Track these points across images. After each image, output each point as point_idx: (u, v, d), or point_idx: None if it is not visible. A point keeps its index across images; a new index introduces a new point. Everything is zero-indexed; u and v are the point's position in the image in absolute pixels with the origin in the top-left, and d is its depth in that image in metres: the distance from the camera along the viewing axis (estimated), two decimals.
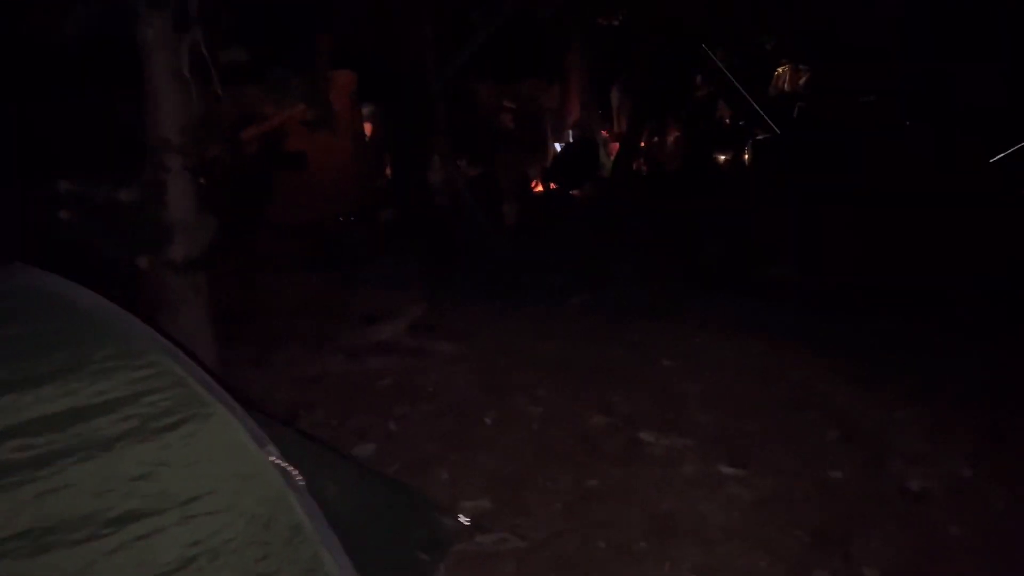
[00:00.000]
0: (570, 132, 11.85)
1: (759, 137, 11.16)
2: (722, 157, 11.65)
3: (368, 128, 10.06)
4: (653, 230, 8.21)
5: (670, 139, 12.39)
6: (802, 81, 11.92)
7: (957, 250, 6.06)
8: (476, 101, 11.26)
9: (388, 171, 9.73)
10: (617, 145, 11.96)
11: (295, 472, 1.93)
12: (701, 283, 6.43)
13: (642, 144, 12.06)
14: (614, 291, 6.19)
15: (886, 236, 6.39)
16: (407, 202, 8.37)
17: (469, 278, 6.58)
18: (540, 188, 11.49)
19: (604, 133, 12.91)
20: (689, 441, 3.60)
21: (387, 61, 7.55)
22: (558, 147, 11.83)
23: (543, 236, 8.47)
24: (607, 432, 3.74)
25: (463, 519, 2.88)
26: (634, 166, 11.52)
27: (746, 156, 11.35)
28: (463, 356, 4.66)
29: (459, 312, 5.48)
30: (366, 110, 9.79)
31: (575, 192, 11.29)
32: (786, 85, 12.28)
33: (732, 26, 9.77)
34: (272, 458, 1.91)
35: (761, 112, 10.55)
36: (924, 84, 8.60)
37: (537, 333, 5.13)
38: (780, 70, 12.35)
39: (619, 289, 6.23)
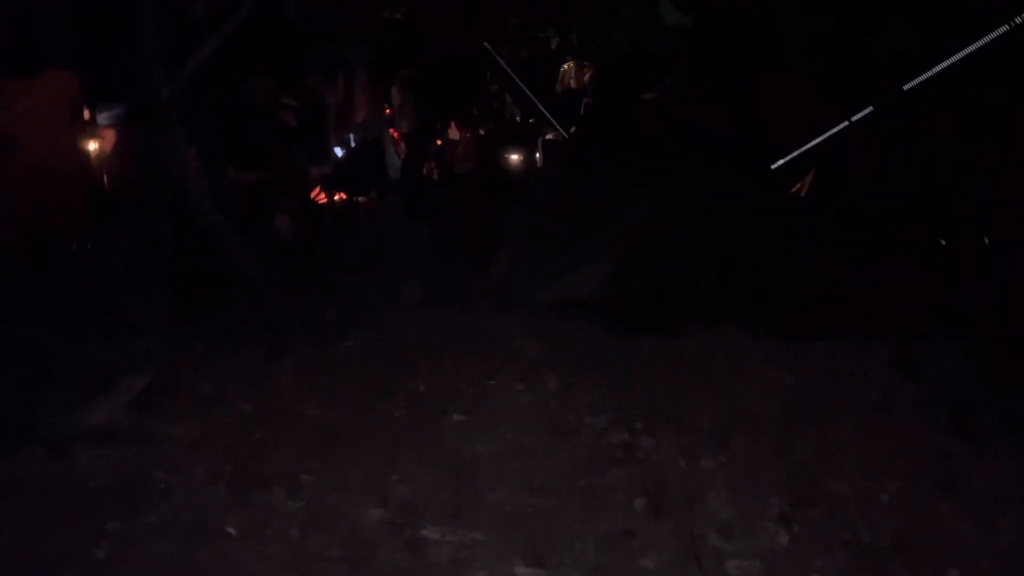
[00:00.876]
0: (351, 136, 10.95)
1: (548, 136, 10.96)
2: (515, 157, 11.32)
3: (111, 136, 8.59)
4: (444, 241, 7.60)
5: (460, 139, 11.86)
6: (587, 78, 11.85)
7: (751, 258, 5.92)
8: (249, 98, 10.09)
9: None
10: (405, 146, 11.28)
11: None
12: (494, 303, 5.90)
13: (438, 143, 11.48)
14: (399, 322, 5.47)
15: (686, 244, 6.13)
16: (156, 222, 7.12)
17: (227, 314, 5.55)
18: (324, 198, 10.53)
19: (394, 133, 12.16)
20: (479, 534, 3.01)
21: (108, 58, 6.30)
22: (339, 152, 10.89)
23: (323, 254, 7.57)
24: (383, 531, 3.06)
25: None
26: (425, 170, 10.90)
27: (538, 156, 11.13)
28: (205, 435, 3.74)
29: (206, 368, 4.49)
30: (106, 115, 8.33)
31: (362, 199, 10.46)
32: (572, 82, 12.20)
33: (510, 24, 9.37)
34: None
35: (544, 110, 10.30)
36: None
37: (304, 389, 4.30)
38: (565, 67, 12.24)
39: (403, 319, 5.51)
